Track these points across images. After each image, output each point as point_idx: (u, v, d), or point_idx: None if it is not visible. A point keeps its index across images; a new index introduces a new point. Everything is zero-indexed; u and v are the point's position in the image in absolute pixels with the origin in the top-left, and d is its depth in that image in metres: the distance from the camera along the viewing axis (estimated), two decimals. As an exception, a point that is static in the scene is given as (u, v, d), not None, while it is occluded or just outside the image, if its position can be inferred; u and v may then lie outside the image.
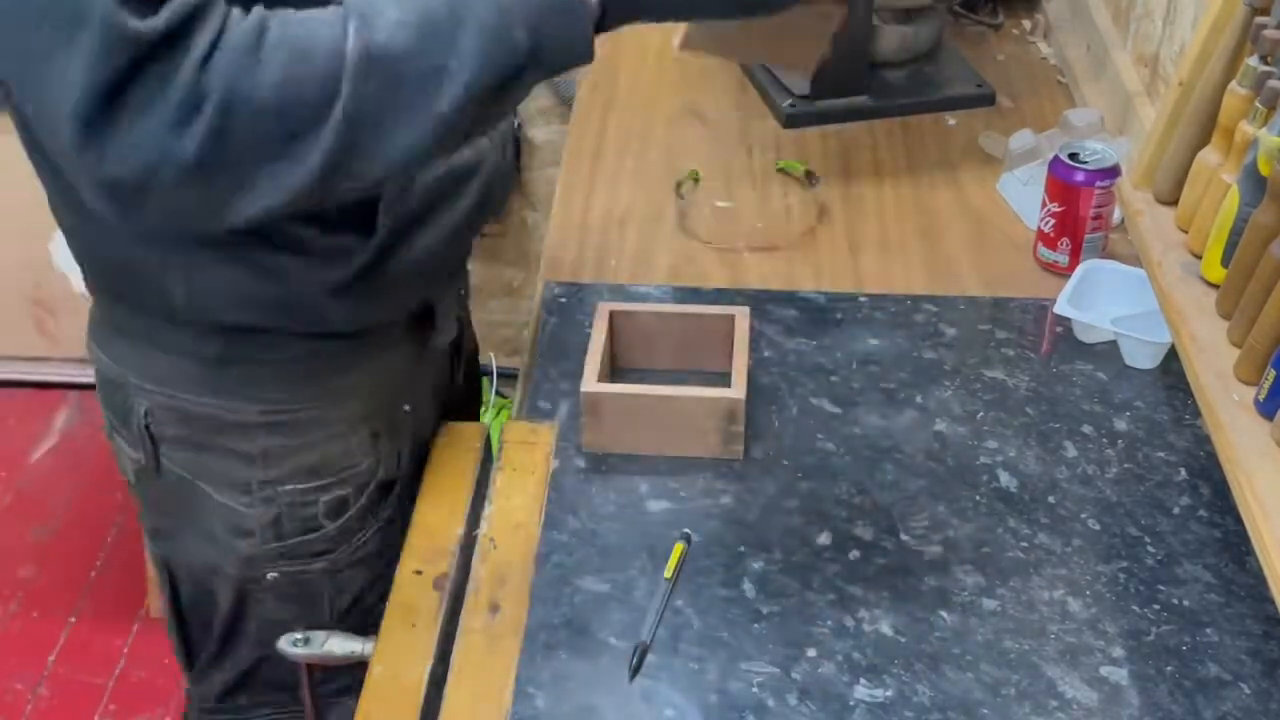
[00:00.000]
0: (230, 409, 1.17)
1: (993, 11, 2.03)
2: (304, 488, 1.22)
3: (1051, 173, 1.44)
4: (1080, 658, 1.06)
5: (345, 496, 1.24)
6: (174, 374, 1.17)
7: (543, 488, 1.22)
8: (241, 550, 1.24)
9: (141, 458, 1.22)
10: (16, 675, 2.28)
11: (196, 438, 1.19)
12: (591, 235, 1.57)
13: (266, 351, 1.16)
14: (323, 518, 1.24)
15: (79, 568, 2.45)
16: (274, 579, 1.25)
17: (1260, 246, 1.04)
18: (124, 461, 1.26)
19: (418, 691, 1.06)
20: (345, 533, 1.26)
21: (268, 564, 1.25)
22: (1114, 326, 1.34)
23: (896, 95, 1.80)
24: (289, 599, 1.27)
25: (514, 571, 1.14)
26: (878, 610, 1.10)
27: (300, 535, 1.24)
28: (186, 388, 1.17)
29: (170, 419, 1.19)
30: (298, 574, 1.26)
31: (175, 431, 1.19)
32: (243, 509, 1.21)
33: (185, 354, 1.16)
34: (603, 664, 1.06)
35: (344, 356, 1.19)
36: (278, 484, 1.21)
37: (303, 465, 1.21)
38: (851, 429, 1.28)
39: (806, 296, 1.45)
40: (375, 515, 1.27)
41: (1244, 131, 1.11)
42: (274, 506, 1.22)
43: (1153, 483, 1.22)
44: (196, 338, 1.14)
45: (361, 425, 1.22)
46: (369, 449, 1.24)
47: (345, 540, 1.26)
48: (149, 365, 1.18)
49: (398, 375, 1.25)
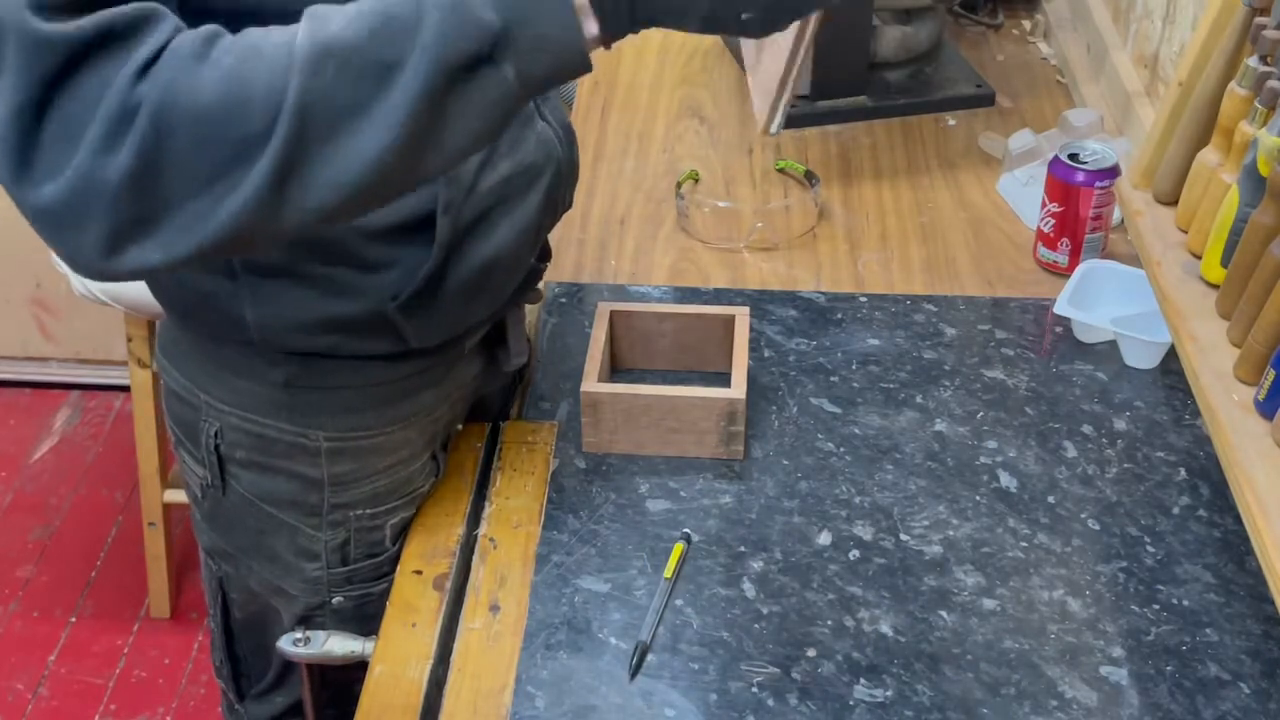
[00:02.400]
0: (300, 433, 1.15)
1: (993, 11, 2.03)
2: (373, 511, 1.20)
3: (1051, 173, 1.44)
4: (1080, 657, 1.07)
5: (410, 518, 1.22)
6: (246, 396, 1.14)
7: (543, 488, 1.22)
8: (308, 573, 1.21)
9: (209, 476, 1.19)
10: (16, 675, 2.28)
11: (266, 460, 1.17)
12: (591, 235, 1.57)
13: (336, 377, 1.13)
14: (389, 540, 1.22)
15: (79, 568, 2.45)
16: (339, 603, 1.23)
17: (1260, 246, 1.04)
18: (189, 477, 1.24)
19: (418, 691, 1.06)
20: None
21: (334, 588, 1.22)
22: (1114, 326, 1.34)
23: (896, 95, 1.80)
24: (349, 621, 1.23)
25: (514, 571, 1.14)
26: (878, 610, 1.10)
27: (367, 559, 1.22)
28: (258, 410, 1.14)
29: (240, 440, 1.16)
30: (361, 598, 1.23)
31: (245, 454, 1.17)
32: (311, 531, 1.19)
33: (256, 378, 1.13)
34: (603, 664, 1.06)
35: (412, 380, 1.16)
36: (349, 508, 1.19)
37: (371, 490, 1.19)
38: (851, 429, 1.28)
39: (806, 296, 1.45)
40: None
41: (1244, 131, 1.11)
42: (343, 530, 1.20)
43: (1152, 483, 1.22)
44: (268, 363, 1.12)
45: (425, 448, 1.21)
46: (431, 469, 1.23)
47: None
48: (220, 386, 1.15)
49: (462, 397, 1.24)
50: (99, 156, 0.78)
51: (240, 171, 0.79)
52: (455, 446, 1.28)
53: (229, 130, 0.78)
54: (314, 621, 1.24)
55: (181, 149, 0.78)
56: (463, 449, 1.28)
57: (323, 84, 0.78)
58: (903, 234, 1.56)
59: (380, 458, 1.18)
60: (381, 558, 1.22)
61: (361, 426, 1.16)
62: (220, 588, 1.29)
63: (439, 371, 1.18)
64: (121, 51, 0.78)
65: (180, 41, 0.79)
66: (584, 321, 1.40)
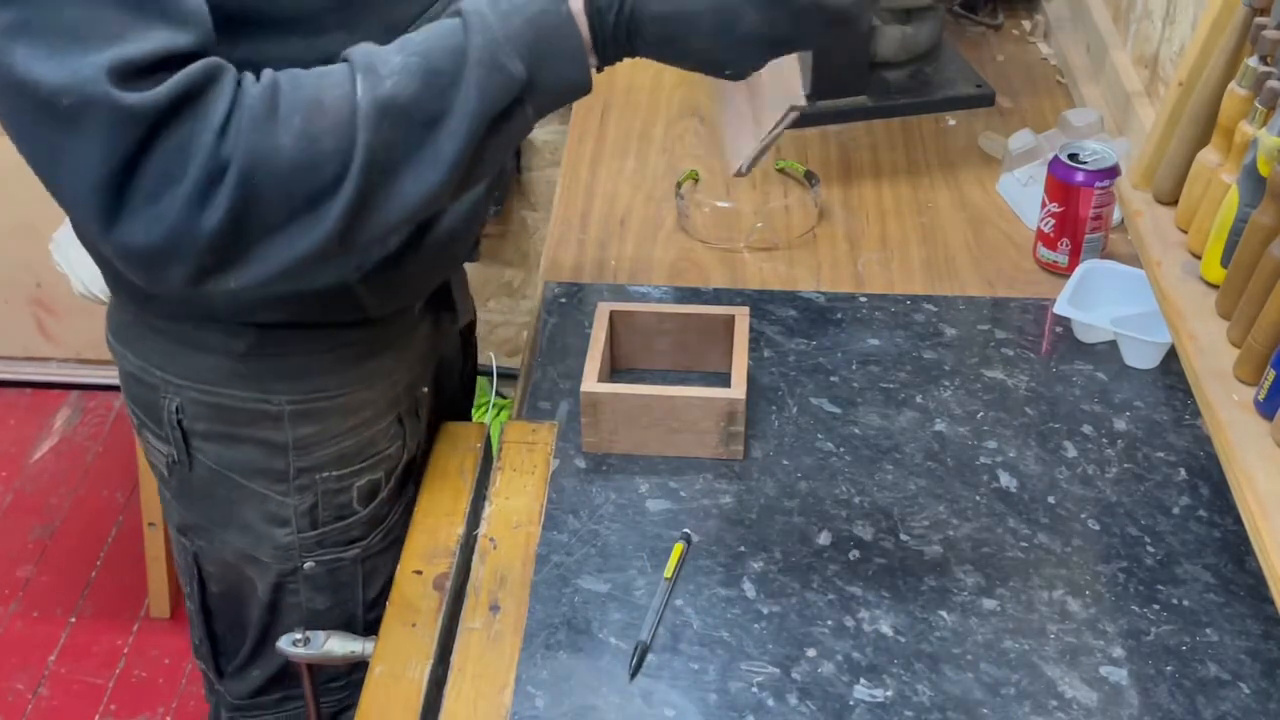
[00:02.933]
0: (262, 400, 1.18)
1: (993, 12, 2.03)
2: (339, 474, 1.23)
3: (1051, 173, 1.44)
4: (1080, 658, 1.07)
5: (377, 481, 1.26)
6: (204, 369, 1.17)
7: (543, 488, 1.22)
8: (279, 539, 1.25)
9: (174, 452, 1.22)
10: (16, 675, 2.28)
11: (229, 430, 1.20)
12: (591, 235, 1.57)
13: (296, 344, 1.17)
14: (356, 503, 1.25)
15: (79, 568, 2.45)
16: (311, 568, 1.26)
17: (1260, 246, 1.04)
18: (154, 456, 1.27)
19: (418, 691, 1.06)
20: (376, 517, 1.27)
21: (305, 553, 1.26)
22: (1114, 326, 1.34)
23: (896, 95, 1.80)
24: (323, 589, 1.28)
25: (514, 571, 1.14)
26: (878, 610, 1.10)
27: (335, 522, 1.25)
28: (217, 381, 1.17)
29: (202, 413, 1.19)
30: (333, 562, 1.27)
31: (207, 425, 1.20)
32: (279, 497, 1.22)
33: (216, 350, 1.16)
34: (603, 664, 1.06)
35: (370, 343, 1.21)
36: (314, 471, 1.22)
37: (337, 452, 1.22)
38: (851, 429, 1.28)
39: (806, 296, 1.45)
40: (401, 498, 1.29)
41: (1244, 131, 1.11)
42: (310, 494, 1.23)
43: (1152, 483, 1.22)
44: (227, 335, 1.15)
45: (389, 410, 1.24)
46: (397, 432, 1.26)
47: (376, 525, 1.28)
48: (178, 362, 1.18)
49: (419, 358, 1.28)
50: (192, 212, 0.87)
51: (313, 218, 0.90)
52: (456, 447, 1.28)
53: (305, 185, 0.89)
54: (287, 589, 1.27)
55: (265, 203, 0.88)
56: (463, 449, 1.28)
57: (383, 139, 0.89)
58: (903, 234, 1.56)
59: (343, 419, 1.21)
60: (350, 520, 1.25)
61: (322, 389, 1.19)
62: (195, 563, 1.32)
63: (392, 334, 1.22)
64: (199, 113, 0.86)
65: (250, 99, 0.88)
66: (584, 321, 1.40)
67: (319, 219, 0.90)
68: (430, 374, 1.33)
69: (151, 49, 0.85)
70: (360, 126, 0.89)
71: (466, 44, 0.91)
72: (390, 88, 0.89)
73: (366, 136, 0.89)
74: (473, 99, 0.90)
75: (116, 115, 0.84)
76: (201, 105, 0.86)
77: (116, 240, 0.88)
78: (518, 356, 2.61)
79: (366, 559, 1.28)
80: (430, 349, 1.31)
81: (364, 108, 0.89)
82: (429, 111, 0.90)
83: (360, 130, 0.89)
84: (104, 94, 0.83)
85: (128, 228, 0.87)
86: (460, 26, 0.92)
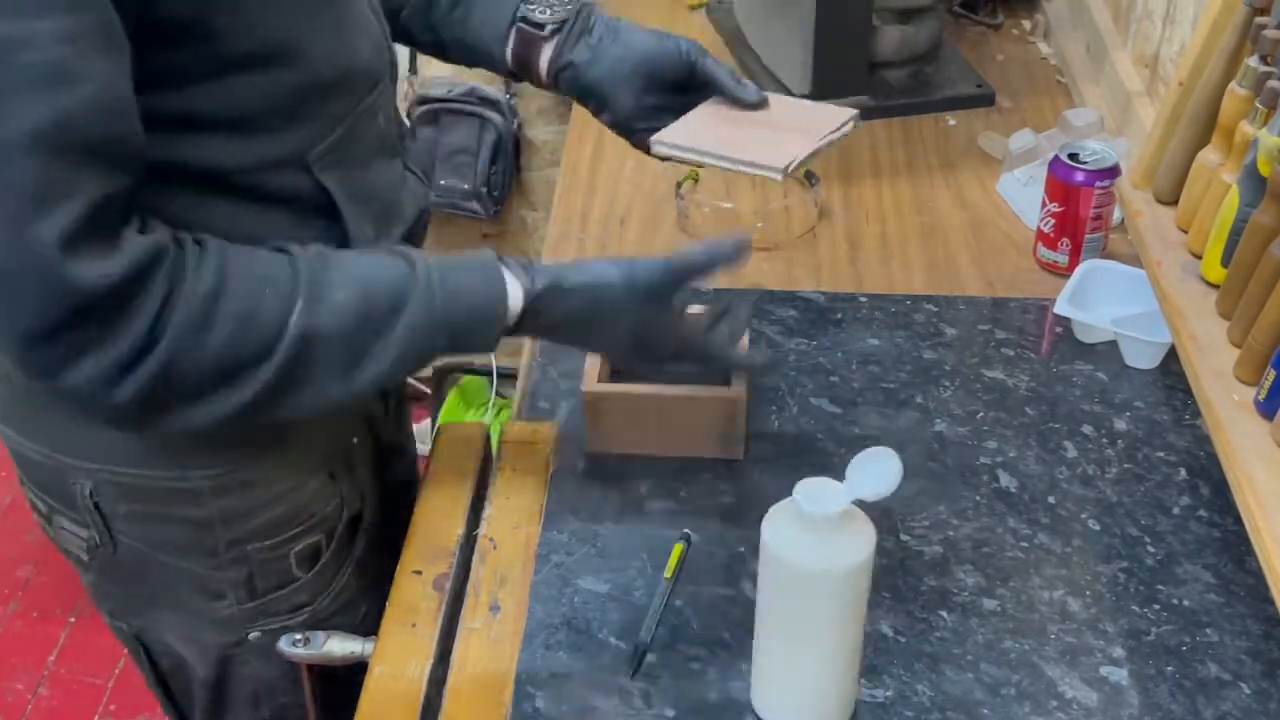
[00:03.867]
0: (178, 478, 1.12)
1: (993, 11, 2.03)
2: (272, 542, 1.17)
3: (1051, 173, 1.44)
4: (1080, 658, 1.07)
5: (317, 544, 1.20)
6: (111, 449, 1.10)
7: (543, 488, 1.22)
8: (217, 613, 1.19)
9: (94, 536, 1.16)
10: (16, 675, 2.28)
11: (149, 510, 1.13)
12: (591, 235, 1.57)
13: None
14: (296, 569, 1.20)
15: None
16: (256, 639, 1.21)
17: (1260, 246, 1.04)
18: (69, 543, 1.20)
19: (418, 691, 1.05)
20: (321, 579, 1.22)
21: (247, 624, 1.21)
22: (1114, 326, 1.34)
23: (896, 95, 1.80)
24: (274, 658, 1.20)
25: (514, 571, 1.14)
26: (878, 610, 1.10)
27: (275, 590, 1.20)
28: (129, 462, 1.11)
29: (117, 494, 1.13)
30: (280, 631, 1.20)
31: (127, 507, 1.13)
32: (211, 571, 1.17)
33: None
34: (603, 664, 1.06)
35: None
36: (245, 543, 1.16)
37: (267, 521, 1.16)
38: (851, 429, 1.28)
39: (806, 296, 1.45)
40: (348, 555, 1.24)
41: (1244, 131, 1.11)
42: (244, 566, 1.17)
43: (1153, 483, 1.22)
44: None
45: (317, 469, 1.19)
46: (332, 491, 1.20)
47: (324, 588, 1.23)
48: (84, 444, 1.10)
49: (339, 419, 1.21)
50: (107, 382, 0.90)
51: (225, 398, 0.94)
52: (456, 447, 1.28)
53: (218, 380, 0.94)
54: (233, 659, 1.23)
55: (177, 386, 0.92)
56: (463, 449, 1.28)
57: (301, 362, 0.95)
58: (903, 234, 1.56)
59: (266, 487, 1.15)
60: (293, 586, 1.20)
61: (236, 461, 1.12)
62: (140, 643, 1.27)
63: None
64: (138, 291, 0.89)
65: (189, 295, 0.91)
66: (584, 321, 1.40)
67: (229, 400, 0.94)
68: (358, 424, 1.25)
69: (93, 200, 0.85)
70: (284, 348, 0.94)
71: (405, 306, 0.98)
72: (324, 322, 0.95)
73: (285, 357, 0.94)
74: (393, 354, 0.98)
75: (63, 288, 0.85)
76: (143, 288, 0.89)
77: (28, 372, 0.90)
78: (518, 356, 2.61)
79: (319, 624, 1.21)
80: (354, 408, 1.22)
81: (293, 334, 0.94)
82: (353, 352, 0.97)
83: (282, 351, 0.94)
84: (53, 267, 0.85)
85: (41, 371, 0.90)
86: (407, 284, 0.99)
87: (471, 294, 1.01)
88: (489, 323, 1.02)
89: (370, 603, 1.23)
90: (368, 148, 1.10)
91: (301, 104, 1.01)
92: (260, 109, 0.99)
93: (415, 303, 0.98)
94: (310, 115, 1.02)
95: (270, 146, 1.00)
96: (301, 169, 1.03)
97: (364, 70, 1.08)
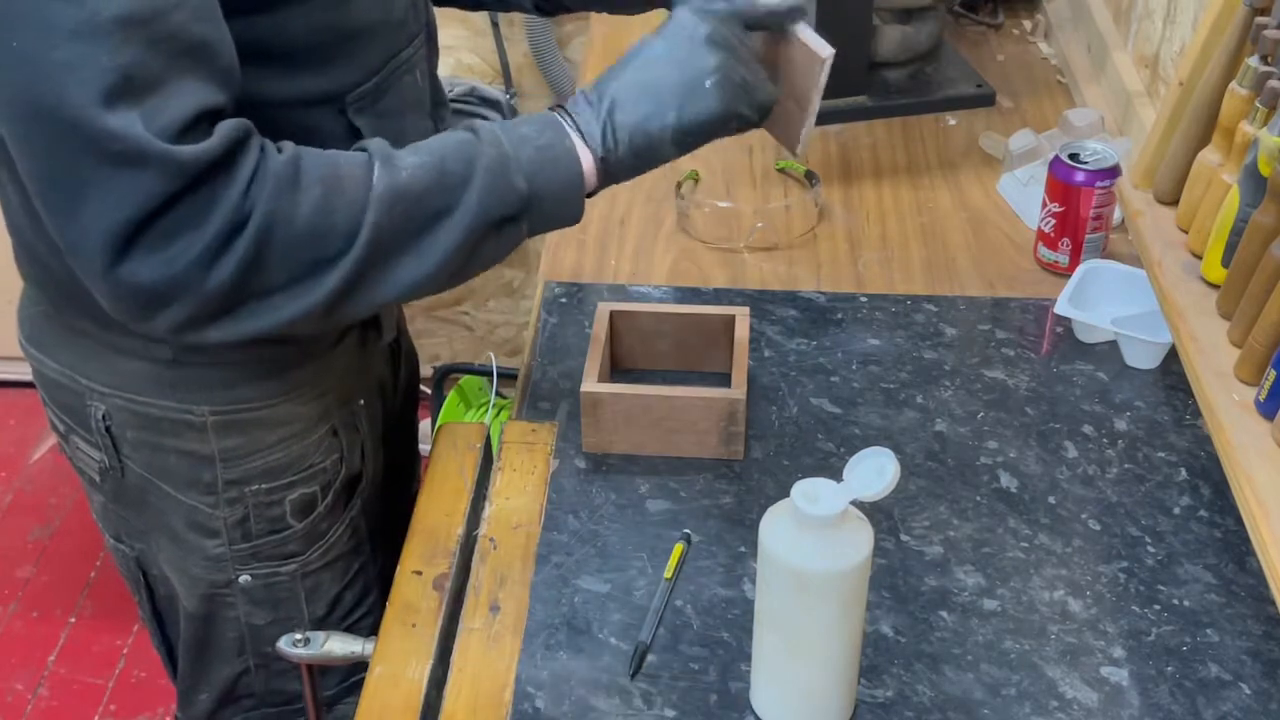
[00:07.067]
0: (184, 410, 1.16)
1: (993, 11, 2.03)
2: (269, 486, 1.21)
3: (1051, 173, 1.44)
4: (1080, 658, 1.06)
5: (312, 495, 1.24)
6: (128, 377, 1.15)
7: (543, 488, 1.22)
8: (209, 550, 1.23)
9: (105, 459, 1.21)
10: (16, 675, 2.28)
11: (155, 439, 1.18)
12: (591, 235, 1.57)
13: (218, 353, 1.14)
14: (290, 517, 1.23)
15: (79, 568, 2.45)
16: (246, 582, 1.25)
17: (1260, 246, 1.04)
18: (83, 462, 1.25)
19: (418, 691, 1.05)
20: (314, 533, 1.25)
21: (238, 566, 1.24)
22: (1114, 326, 1.34)
23: (896, 95, 1.80)
24: (261, 603, 1.26)
25: (514, 571, 1.14)
26: (878, 610, 1.10)
27: (269, 535, 1.23)
28: (141, 390, 1.15)
29: (128, 421, 1.18)
30: (269, 576, 1.25)
31: (135, 434, 1.18)
32: (208, 509, 1.21)
33: (140, 356, 1.14)
34: (603, 664, 1.06)
35: (294, 356, 1.18)
36: (243, 484, 1.20)
37: (265, 465, 1.20)
38: (851, 429, 1.28)
39: (806, 296, 1.45)
40: (343, 513, 1.28)
41: (1244, 131, 1.11)
42: (240, 506, 1.21)
43: (1153, 483, 1.22)
44: (152, 341, 1.12)
45: (319, 423, 1.22)
46: (332, 445, 1.24)
47: (315, 540, 1.26)
48: (102, 369, 1.16)
49: (346, 372, 1.25)
50: (204, 261, 0.91)
51: (310, 285, 0.95)
52: (456, 447, 1.28)
53: (311, 252, 0.95)
54: (221, 600, 1.26)
55: (272, 263, 0.93)
56: (463, 449, 1.28)
57: (391, 223, 0.96)
58: (903, 234, 1.56)
59: (269, 431, 1.19)
60: (285, 534, 1.24)
61: (244, 400, 1.17)
62: (139, 568, 1.31)
63: (317, 347, 1.21)
64: (230, 169, 0.91)
65: (275, 164, 0.93)
66: (584, 321, 1.40)
67: (315, 287, 0.95)
68: (367, 388, 1.30)
69: (195, 106, 0.89)
70: (372, 207, 0.95)
71: (478, 152, 0.99)
72: (405, 178, 0.97)
73: (376, 217, 0.95)
74: (477, 201, 0.99)
75: (165, 165, 0.88)
76: (233, 162, 0.91)
77: (119, 277, 0.91)
78: (518, 356, 2.61)
79: (306, 575, 1.27)
80: (360, 364, 1.28)
81: (379, 190, 0.96)
82: (436, 205, 0.98)
83: (371, 210, 0.95)
84: (157, 145, 0.87)
85: (134, 268, 0.91)
86: (473, 138, 1.00)
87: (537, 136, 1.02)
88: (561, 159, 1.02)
89: (361, 564, 1.29)
90: (402, 101, 1.15)
91: (342, 44, 1.06)
92: (304, 44, 1.03)
93: (487, 147, 1.00)
94: (349, 57, 1.07)
95: (311, 83, 1.05)
96: (338, 110, 1.08)
97: (399, 22, 1.12)
